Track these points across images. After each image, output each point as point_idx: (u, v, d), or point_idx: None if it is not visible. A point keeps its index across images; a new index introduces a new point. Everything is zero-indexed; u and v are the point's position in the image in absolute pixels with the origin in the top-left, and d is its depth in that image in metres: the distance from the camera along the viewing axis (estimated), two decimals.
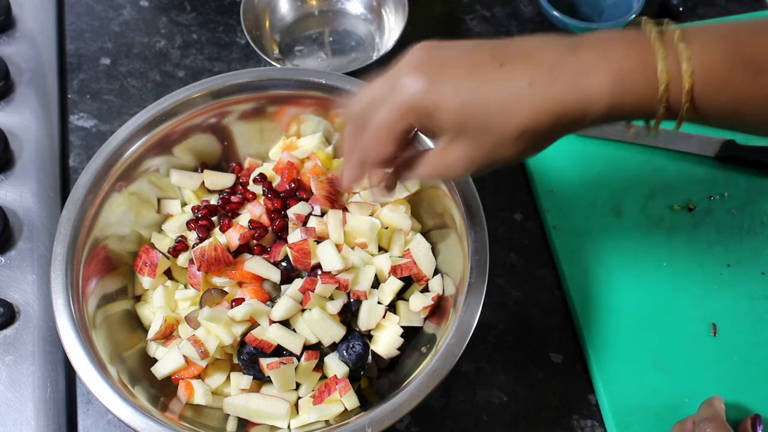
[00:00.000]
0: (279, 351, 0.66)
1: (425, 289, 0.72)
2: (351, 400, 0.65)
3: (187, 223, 0.74)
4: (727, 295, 0.77)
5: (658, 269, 0.78)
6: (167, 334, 0.69)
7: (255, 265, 0.69)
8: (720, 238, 0.80)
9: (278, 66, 0.86)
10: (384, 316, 0.69)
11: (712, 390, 0.72)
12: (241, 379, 0.67)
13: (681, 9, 0.95)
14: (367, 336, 0.69)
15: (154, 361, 0.69)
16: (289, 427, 0.66)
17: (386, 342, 0.68)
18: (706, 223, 0.81)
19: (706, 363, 0.74)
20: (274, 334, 0.66)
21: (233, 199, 0.75)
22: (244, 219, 0.74)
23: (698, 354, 0.74)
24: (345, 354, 0.67)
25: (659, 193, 0.82)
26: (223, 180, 0.77)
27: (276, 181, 0.77)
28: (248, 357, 0.66)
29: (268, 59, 0.86)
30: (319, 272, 0.68)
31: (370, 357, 0.68)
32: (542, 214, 0.81)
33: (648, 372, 0.73)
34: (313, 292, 0.66)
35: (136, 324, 0.72)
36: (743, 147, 0.83)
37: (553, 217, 0.81)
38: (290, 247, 0.69)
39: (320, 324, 0.66)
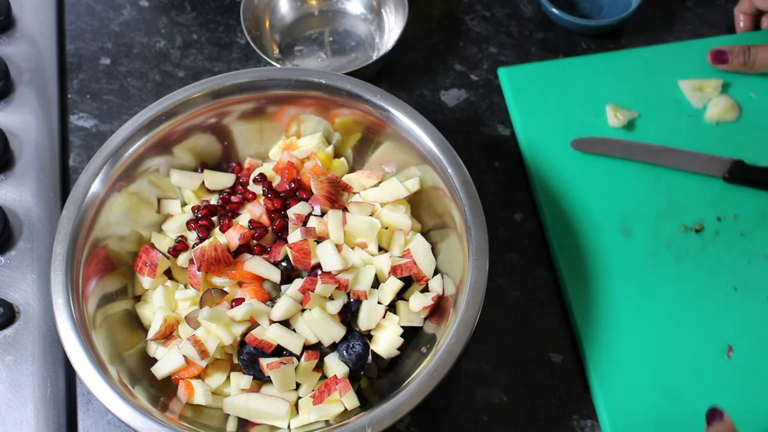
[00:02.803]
0: (279, 351, 0.66)
1: (425, 289, 0.72)
2: (351, 400, 0.65)
3: (187, 223, 0.74)
4: (733, 319, 0.75)
5: (664, 291, 0.77)
6: (167, 334, 0.69)
7: (255, 265, 0.69)
8: (727, 260, 0.78)
9: (278, 66, 0.86)
10: (384, 316, 0.69)
11: None
12: (241, 379, 0.67)
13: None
14: (367, 336, 0.69)
15: (154, 361, 0.69)
16: (289, 427, 0.66)
17: (386, 342, 0.68)
18: (714, 245, 0.79)
19: (712, 387, 0.72)
20: (274, 334, 0.66)
21: (233, 199, 0.75)
22: (244, 219, 0.74)
23: (703, 378, 0.72)
24: (345, 354, 0.67)
25: (667, 214, 0.80)
26: (223, 180, 0.77)
27: (276, 181, 0.77)
28: (248, 357, 0.66)
29: (268, 59, 0.86)
30: (319, 272, 0.68)
31: (370, 357, 0.68)
32: (547, 233, 0.80)
33: (652, 396, 0.71)
34: (313, 292, 0.66)
35: (136, 324, 0.72)
36: (752, 168, 0.81)
37: (558, 236, 0.79)
38: (290, 247, 0.69)
39: (320, 324, 0.66)
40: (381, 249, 0.73)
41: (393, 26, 0.92)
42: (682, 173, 0.83)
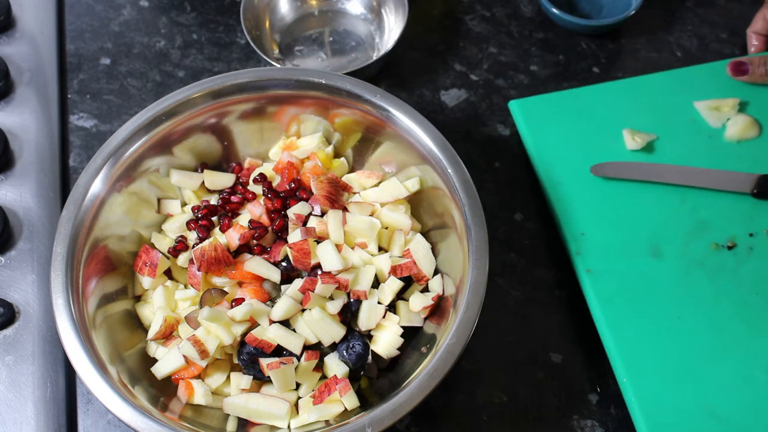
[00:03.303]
0: (279, 351, 0.66)
1: (425, 289, 0.72)
2: (351, 400, 0.65)
3: (187, 223, 0.74)
4: None
5: (702, 311, 0.74)
6: (167, 334, 0.69)
7: (255, 265, 0.69)
8: (765, 276, 0.76)
9: (278, 66, 0.86)
10: (384, 316, 0.69)
11: None
12: (241, 379, 0.67)
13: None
14: (367, 336, 0.69)
15: (154, 361, 0.69)
16: (289, 427, 0.66)
17: (386, 342, 0.68)
18: (749, 261, 0.77)
19: (760, 408, 0.69)
20: (274, 334, 0.66)
21: (233, 199, 0.75)
22: (244, 219, 0.74)
23: (751, 399, 0.70)
24: (345, 354, 0.67)
25: (697, 233, 0.79)
26: (223, 180, 0.77)
27: (276, 181, 0.77)
28: (248, 357, 0.66)
29: (268, 59, 0.86)
30: (319, 272, 0.68)
31: (370, 357, 0.68)
32: (572, 258, 0.78)
33: (699, 420, 0.69)
34: (313, 292, 0.66)
35: (136, 324, 0.72)
36: None
37: (585, 261, 0.77)
38: (290, 247, 0.69)
39: (320, 324, 0.66)
40: (381, 249, 0.73)
41: (393, 26, 0.92)
42: (707, 192, 0.81)
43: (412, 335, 0.70)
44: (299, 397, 0.67)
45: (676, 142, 0.85)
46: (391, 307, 0.70)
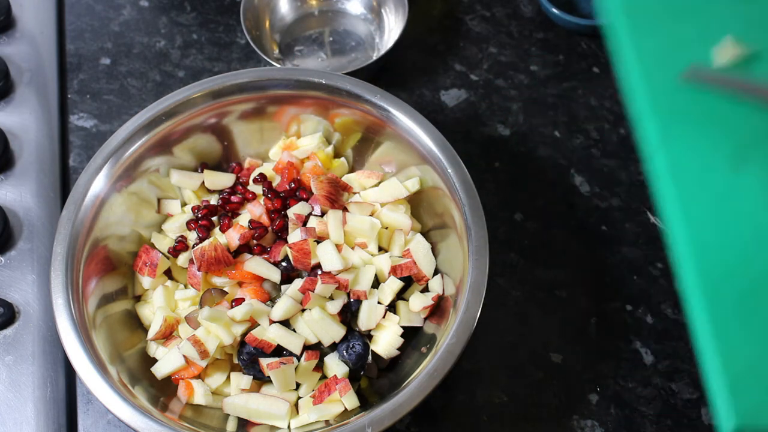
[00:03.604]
0: (279, 351, 0.66)
1: (425, 289, 0.72)
2: (351, 400, 0.65)
3: (187, 223, 0.74)
4: None
5: None
6: (167, 334, 0.69)
7: (255, 265, 0.69)
8: None
9: (278, 66, 0.86)
10: (384, 316, 0.69)
11: None
12: (241, 379, 0.67)
13: None
14: (367, 336, 0.69)
15: (154, 361, 0.69)
16: (289, 427, 0.66)
17: (386, 342, 0.68)
18: None
19: None
20: (274, 334, 0.66)
21: (233, 199, 0.75)
22: (244, 219, 0.74)
23: None
24: (345, 354, 0.67)
25: None
26: (223, 180, 0.77)
27: (276, 181, 0.77)
28: (248, 357, 0.66)
29: (268, 59, 0.86)
30: (319, 272, 0.68)
31: (370, 357, 0.68)
32: (651, 157, 0.59)
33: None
34: (313, 292, 0.66)
35: (136, 324, 0.72)
36: None
37: (670, 157, 0.57)
38: (290, 247, 0.69)
39: (320, 324, 0.66)
40: (381, 249, 0.73)
41: (393, 26, 0.92)
42: None
43: (412, 335, 0.70)
44: (299, 397, 0.67)
45: None
46: (391, 307, 0.70)
